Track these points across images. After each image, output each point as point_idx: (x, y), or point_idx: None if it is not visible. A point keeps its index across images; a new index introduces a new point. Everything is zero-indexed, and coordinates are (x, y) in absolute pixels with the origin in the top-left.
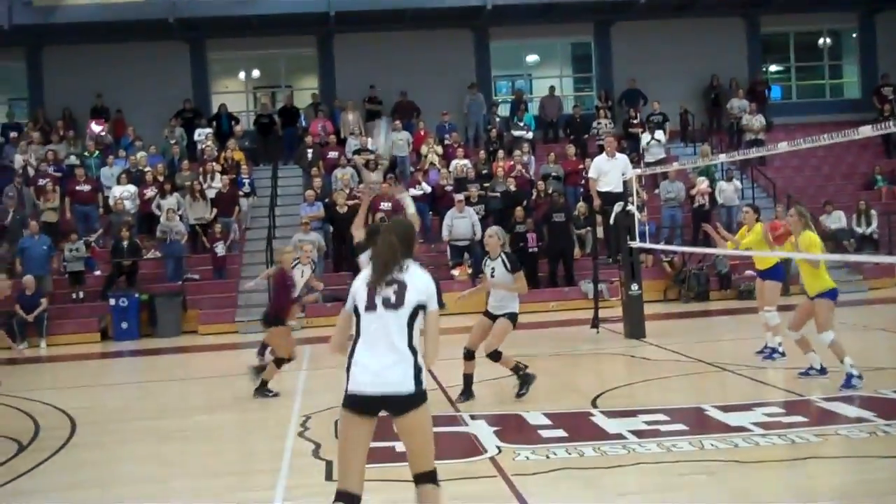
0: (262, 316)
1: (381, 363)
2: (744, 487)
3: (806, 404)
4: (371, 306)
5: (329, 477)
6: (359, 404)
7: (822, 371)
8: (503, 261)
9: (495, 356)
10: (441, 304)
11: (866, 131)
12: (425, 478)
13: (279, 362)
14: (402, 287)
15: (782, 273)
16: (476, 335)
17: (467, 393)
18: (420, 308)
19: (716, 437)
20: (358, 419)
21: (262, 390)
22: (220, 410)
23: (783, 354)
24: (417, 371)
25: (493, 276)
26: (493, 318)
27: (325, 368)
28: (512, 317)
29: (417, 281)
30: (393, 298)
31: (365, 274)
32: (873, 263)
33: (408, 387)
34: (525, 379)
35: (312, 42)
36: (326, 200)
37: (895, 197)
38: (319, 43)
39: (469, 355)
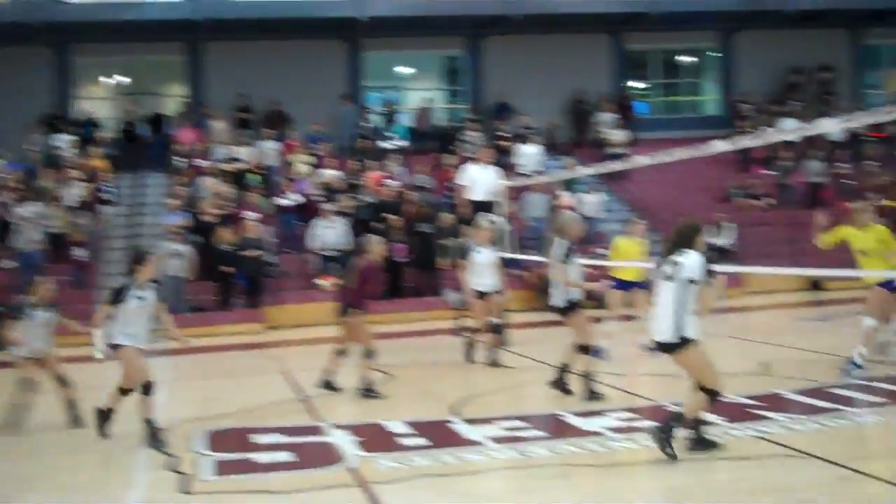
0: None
1: None
2: (599, 489)
3: (662, 409)
4: None
5: None
6: None
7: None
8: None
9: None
10: None
11: (718, 146)
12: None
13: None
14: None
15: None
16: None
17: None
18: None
19: (572, 441)
20: None
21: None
22: None
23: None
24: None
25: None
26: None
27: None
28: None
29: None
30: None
31: None
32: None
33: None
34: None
35: (181, 49)
36: (192, 210)
37: (747, 210)
38: (188, 50)
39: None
